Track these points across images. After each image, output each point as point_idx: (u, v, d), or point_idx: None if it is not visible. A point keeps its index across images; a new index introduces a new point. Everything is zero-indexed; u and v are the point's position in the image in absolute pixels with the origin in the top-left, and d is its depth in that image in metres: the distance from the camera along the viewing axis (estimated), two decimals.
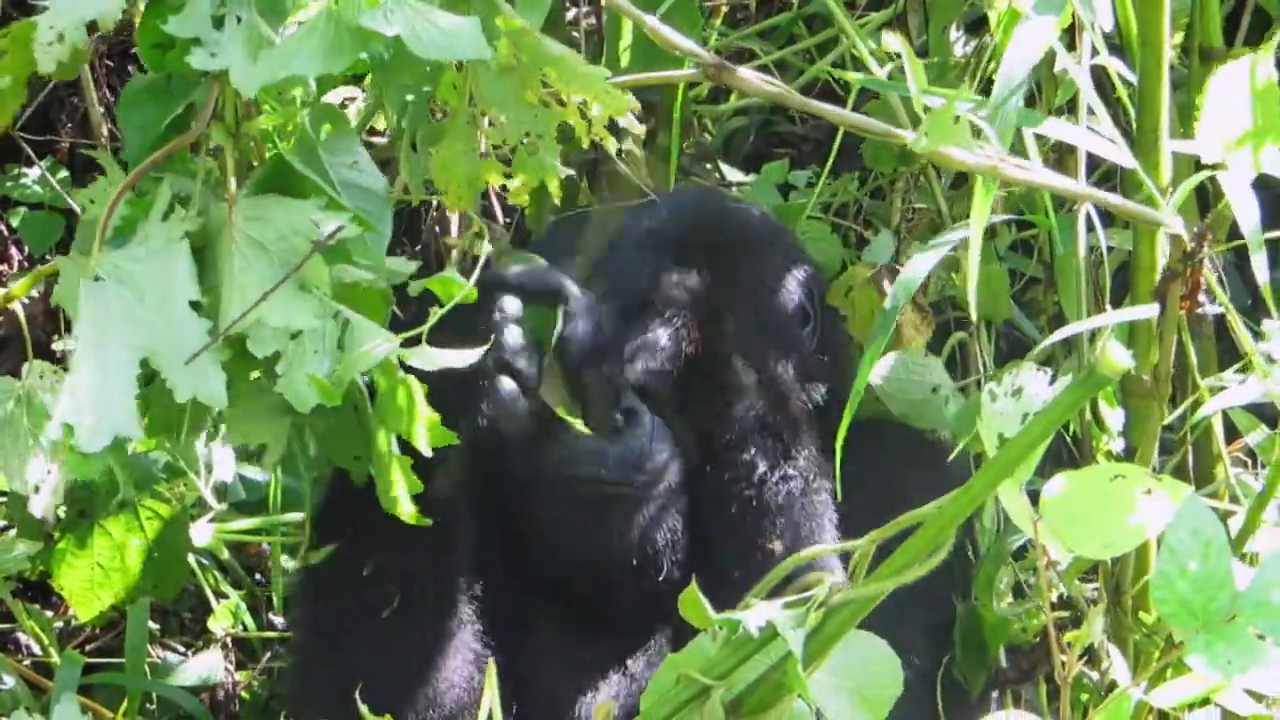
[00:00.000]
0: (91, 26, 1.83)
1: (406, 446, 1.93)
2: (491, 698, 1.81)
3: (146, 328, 1.76)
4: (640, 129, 1.86)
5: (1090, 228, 2.41)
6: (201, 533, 2.78)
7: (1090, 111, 2.24)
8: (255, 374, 1.86)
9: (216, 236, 1.80)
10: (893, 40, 2.33)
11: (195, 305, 1.78)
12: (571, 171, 1.95)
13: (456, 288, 1.88)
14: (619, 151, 2.76)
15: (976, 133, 1.96)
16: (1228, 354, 2.50)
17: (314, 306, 1.77)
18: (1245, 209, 2.12)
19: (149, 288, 1.76)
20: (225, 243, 1.78)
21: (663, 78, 2.08)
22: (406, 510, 1.94)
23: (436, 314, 1.86)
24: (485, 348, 1.97)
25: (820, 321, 2.54)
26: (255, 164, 1.85)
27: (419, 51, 1.71)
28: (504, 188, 1.94)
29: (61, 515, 2.66)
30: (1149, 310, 2.16)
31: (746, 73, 2.01)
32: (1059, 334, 2.21)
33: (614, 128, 2.06)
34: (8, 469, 2.13)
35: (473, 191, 1.92)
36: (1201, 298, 2.18)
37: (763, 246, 2.54)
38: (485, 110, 1.87)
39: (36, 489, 2.18)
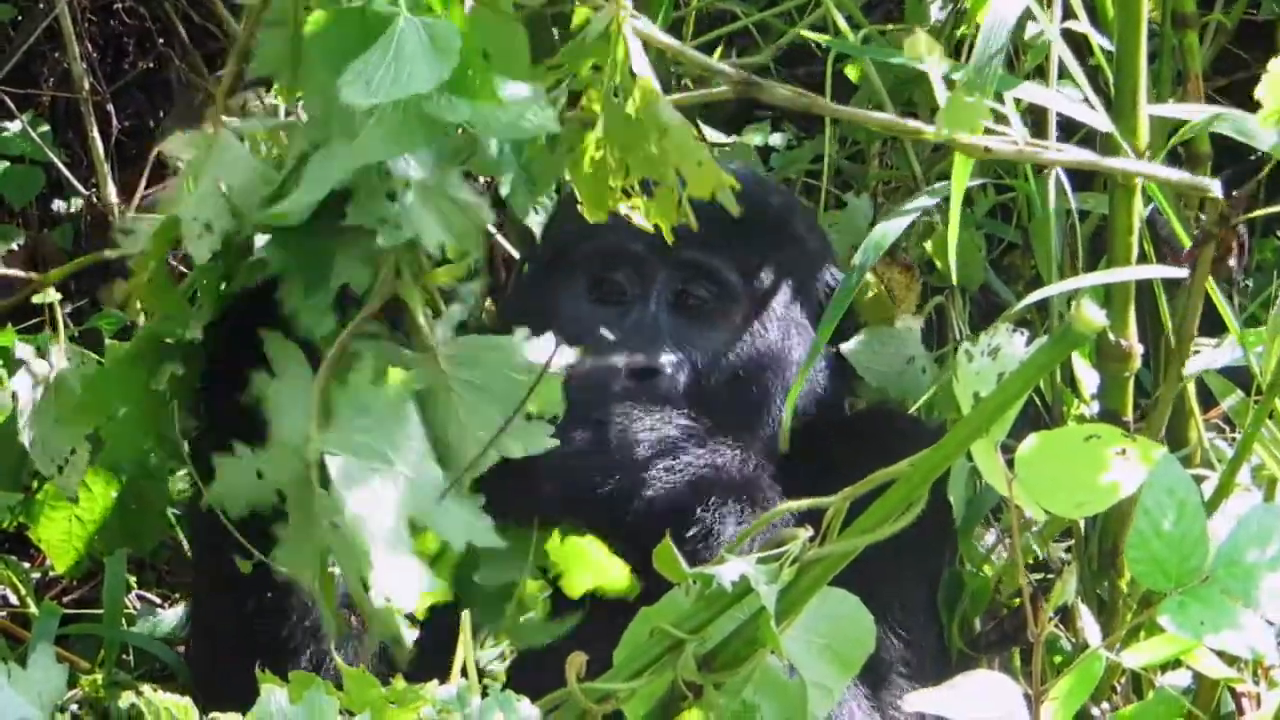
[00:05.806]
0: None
1: None
2: (467, 650, 1.81)
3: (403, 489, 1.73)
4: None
5: (1062, 191, 2.43)
6: (179, 486, 2.77)
7: (1071, 79, 2.25)
8: None
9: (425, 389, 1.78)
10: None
11: None
12: None
13: None
14: None
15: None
16: (1204, 320, 2.52)
17: (547, 429, 1.77)
18: None
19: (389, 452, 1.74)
20: (439, 393, 1.77)
21: (694, 97, 2.09)
22: None
23: None
24: None
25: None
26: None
27: (488, 134, 1.71)
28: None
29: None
30: (1127, 273, 2.18)
31: (775, 86, 2.00)
32: (1034, 295, 2.23)
33: None
34: (42, 461, 2.14)
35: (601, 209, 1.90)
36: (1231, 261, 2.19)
37: (803, 225, 2.56)
38: (613, 146, 1.85)
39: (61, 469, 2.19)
